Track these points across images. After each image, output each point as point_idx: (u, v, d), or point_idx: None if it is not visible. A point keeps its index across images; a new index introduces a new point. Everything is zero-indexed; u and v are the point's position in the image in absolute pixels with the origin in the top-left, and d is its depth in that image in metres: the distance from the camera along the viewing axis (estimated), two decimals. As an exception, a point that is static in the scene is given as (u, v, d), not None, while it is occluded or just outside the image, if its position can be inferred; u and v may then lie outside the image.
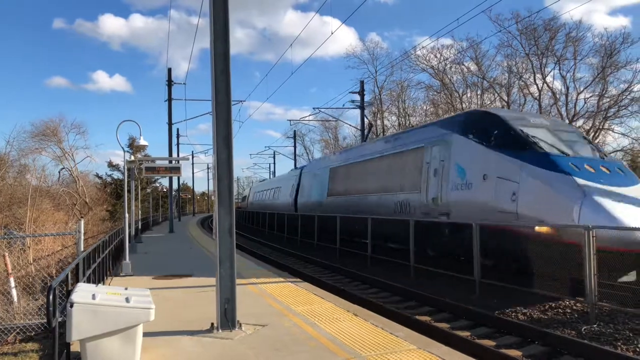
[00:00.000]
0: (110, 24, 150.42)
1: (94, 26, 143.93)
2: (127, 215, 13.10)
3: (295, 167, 41.74)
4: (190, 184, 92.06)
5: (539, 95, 36.45)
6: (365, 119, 33.50)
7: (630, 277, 8.99)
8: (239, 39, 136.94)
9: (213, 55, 6.76)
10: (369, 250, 16.23)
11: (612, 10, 75.83)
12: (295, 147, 58.00)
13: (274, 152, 65.50)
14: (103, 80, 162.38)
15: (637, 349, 7.02)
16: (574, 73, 35.65)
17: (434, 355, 5.24)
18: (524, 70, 37.49)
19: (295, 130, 58.47)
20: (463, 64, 40.96)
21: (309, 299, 8.49)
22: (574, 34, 34.81)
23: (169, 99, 29.98)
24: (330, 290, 10.92)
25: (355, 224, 17.89)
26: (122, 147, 12.66)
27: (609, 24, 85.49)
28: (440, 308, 10.06)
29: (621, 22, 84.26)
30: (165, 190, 57.05)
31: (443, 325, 8.76)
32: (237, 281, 7.02)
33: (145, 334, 5.42)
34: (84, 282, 6.79)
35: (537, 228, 10.33)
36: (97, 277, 9.30)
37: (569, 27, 34.94)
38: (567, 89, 35.77)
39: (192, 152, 67.13)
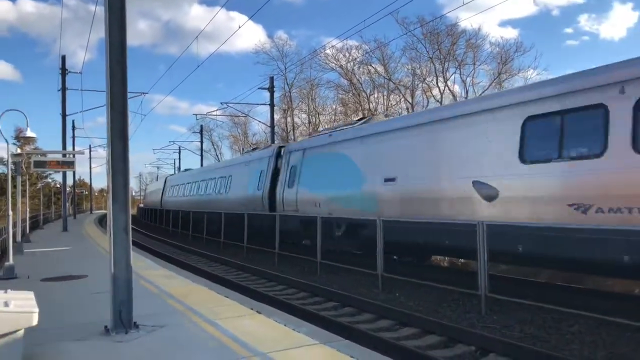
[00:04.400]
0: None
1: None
2: (10, 213, 12.00)
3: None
4: (87, 180, 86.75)
5: (441, 97, 38.45)
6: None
7: None
8: (142, 30, 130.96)
9: (108, 43, 6.34)
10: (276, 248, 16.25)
11: (502, 22, 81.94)
12: (202, 142, 56.52)
13: (179, 147, 63.37)
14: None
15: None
16: (472, 78, 38.10)
17: (334, 350, 5.29)
18: (427, 73, 39.38)
19: (202, 125, 57.00)
20: (371, 65, 42.18)
21: (211, 298, 8.26)
22: (474, 40, 37.17)
23: (63, 89, 27.94)
24: (235, 289, 10.76)
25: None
26: (6, 139, 11.58)
27: (499, 35, 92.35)
28: (345, 303, 10.26)
29: (510, 33, 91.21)
30: (59, 186, 53.21)
31: (346, 320, 8.93)
32: (135, 281, 6.67)
33: (30, 341, 4.96)
34: (-44, 286, 6.10)
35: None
36: (-26, 281, 8.42)
37: (469, 34, 37.26)
38: (467, 92, 38.08)
39: (90, 145, 63.13)
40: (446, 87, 38.61)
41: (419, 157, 12.10)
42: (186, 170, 42.05)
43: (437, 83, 38.87)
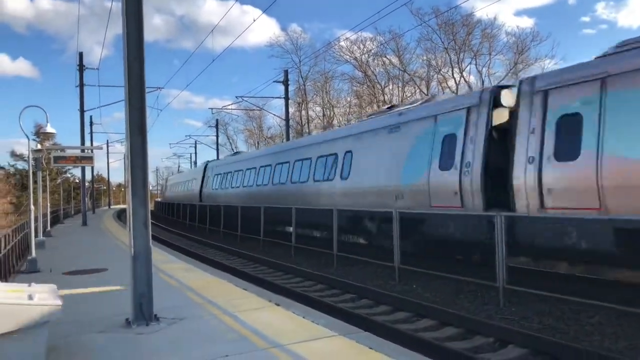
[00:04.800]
0: (13, 4, 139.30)
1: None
2: (32, 207, 12.21)
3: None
4: (105, 175, 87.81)
5: (457, 88, 38.12)
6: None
7: None
8: (157, 25, 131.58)
9: (126, 36, 6.40)
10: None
11: (518, 11, 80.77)
12: (217, 136, 56.79)
13: (195, 142, 63.80)
14: (4, 63, 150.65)
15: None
16: (489, 68, 37.68)
17: (354, 341, 5.31)
18: (442, 64, 39.06)
19: (217, 119, 57.23)
20: (386, 57, 41.94)
21: (229, 291, 8.34)
22: (489, 30, 36.75)
23: (81, 85, 28.26)
24: (253, 281, 10.84)
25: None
26: (27, 135, 11.75)
27: (515, 25, 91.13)
28: (362, 295, 10.27)
29: (526, 22, 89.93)
30: (77, 181, 53.98)
31: (363, 312, 8.95)
32: (154, 274, 6.76)
33: (54, 333, 5.07)
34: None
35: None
36: (-1, 275, 8.62)
37: (484, 24, 36.84)
38: (483, 82, 37.70)
39: (107, 141, 63.84)
40: (462, 78, 38.26)
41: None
42: (236, 153, 34.25)
43: (452, 74, 38.56)
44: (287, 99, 32.52)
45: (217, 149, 55.55)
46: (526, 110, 9.98)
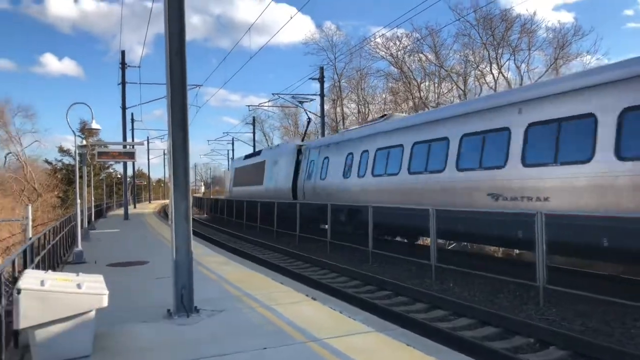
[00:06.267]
0: (59, 6, 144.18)
1: (41, 8, 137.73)
2: (78, 201, 12.66)
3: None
4: (145, 170, 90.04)
5: (495, 84, 37.32)
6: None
7: None
8: (195, 24, 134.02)
9: (168, 35, 6.55)
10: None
11: (556, 6, 78.36)
12: (254, 133, 57.41)
13: (233, 139, 64.56)
14: (52, 63, 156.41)
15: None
16: (528, 64, 36.73)
17: (390, 338, 5.31)
18: (480, 60, 38.28)
19: (254, 117, 57.77)
20: (422, 53, 41.42)
21: (266, 284, 8.45)
22: (529, 25, 35.79)
23: (123, 82, 29.07)
24: (290, 276, 10.94)
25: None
26: (73, 131, 12.19)
27: (555, 19, 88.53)
28: (399, 292, 10.23)
29: (565, 17, 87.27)
30: (119, 176, 55.55)
31: (400, 309, 8.92)
32: (195, 267, 6.92)
33: (100, 321, 5.27)
34: (33, 269, 6.53)
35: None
36: (47, 265, 8.98)
37: (523, 19, 35.90)
38: (522, 79, 36.77)
39: (148, 137, 65.54)
40: (500, 74, 37.44)
41: None
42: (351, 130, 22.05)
43: (490, 70, 37.74)
44: (322, 95, 32.56)
45: (254, 146, 56.12)
46: None
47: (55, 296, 4.66)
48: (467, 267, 10.58)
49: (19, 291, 4.52)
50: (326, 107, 39.51)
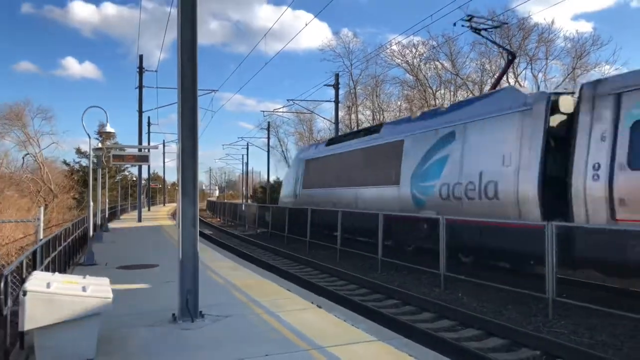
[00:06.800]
0: (81, 11, 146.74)
1: (64, 12, 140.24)
2: (91, 203, 12.82)
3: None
4: (161, 174, 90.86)
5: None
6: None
7: None
8: (213, 30, 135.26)
9: (180, 40, 6.63)
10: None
11: (575, 16, 77.65)
12: (268, 138, 57.64)
13: (247, 144, 64.87)
14: (73, 66, 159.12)
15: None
16: (545, 73, 36.44)
17: (393, 347, 5.29)
18: (496, 69, 38.06)
19: (269, 122, 58.00)
20: (438, 61, 41.34)
21: (274, 291, 8.47)
22: (546, 34, 35.54)
23: (140, 86, 29.43)
24: (297, 282, 10.95)
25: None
26: (88, 134, 12.38)
27: (573, 29, 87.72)
28: (406, 301, 10.17)
29: (584, 27, 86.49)
30: (134, 179, 56.15)
31: (406, 318, 8.87)
32: (202, 272, 6.96)
33: (105, 324, 5.32)
34: (41, 270, 6.62)
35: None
36: (58, 266, 9.09)
37: (541, 29, 35.65)
38: (538, 88, 36.48)
39: (164, 141, 66.05)
40: (517, 83, 37.13)
41: None
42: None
43: (507, 78, 37.47)
44: (337, 102, 32.61)
45: (268, 151, 56.39)
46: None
47: (60, 298, 4.72)
48: (477, 277, 10.50)
49: (24, 293, 4.59)
50: (341, 113, 39.57)
